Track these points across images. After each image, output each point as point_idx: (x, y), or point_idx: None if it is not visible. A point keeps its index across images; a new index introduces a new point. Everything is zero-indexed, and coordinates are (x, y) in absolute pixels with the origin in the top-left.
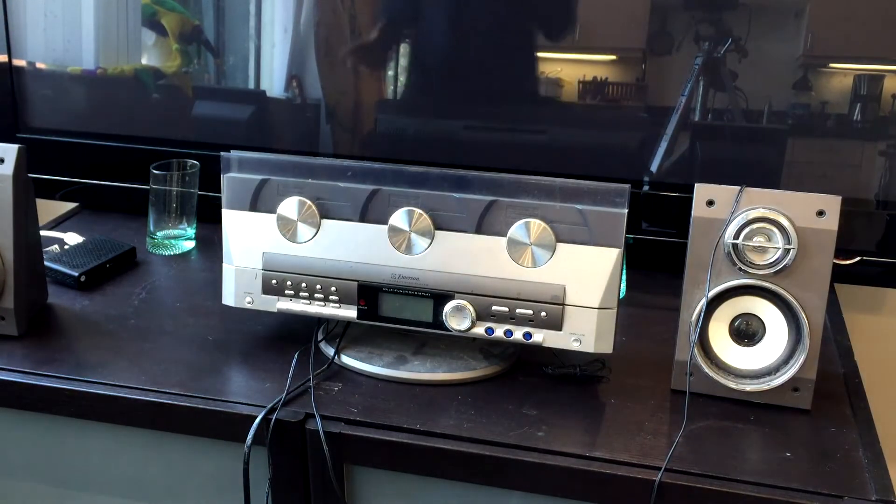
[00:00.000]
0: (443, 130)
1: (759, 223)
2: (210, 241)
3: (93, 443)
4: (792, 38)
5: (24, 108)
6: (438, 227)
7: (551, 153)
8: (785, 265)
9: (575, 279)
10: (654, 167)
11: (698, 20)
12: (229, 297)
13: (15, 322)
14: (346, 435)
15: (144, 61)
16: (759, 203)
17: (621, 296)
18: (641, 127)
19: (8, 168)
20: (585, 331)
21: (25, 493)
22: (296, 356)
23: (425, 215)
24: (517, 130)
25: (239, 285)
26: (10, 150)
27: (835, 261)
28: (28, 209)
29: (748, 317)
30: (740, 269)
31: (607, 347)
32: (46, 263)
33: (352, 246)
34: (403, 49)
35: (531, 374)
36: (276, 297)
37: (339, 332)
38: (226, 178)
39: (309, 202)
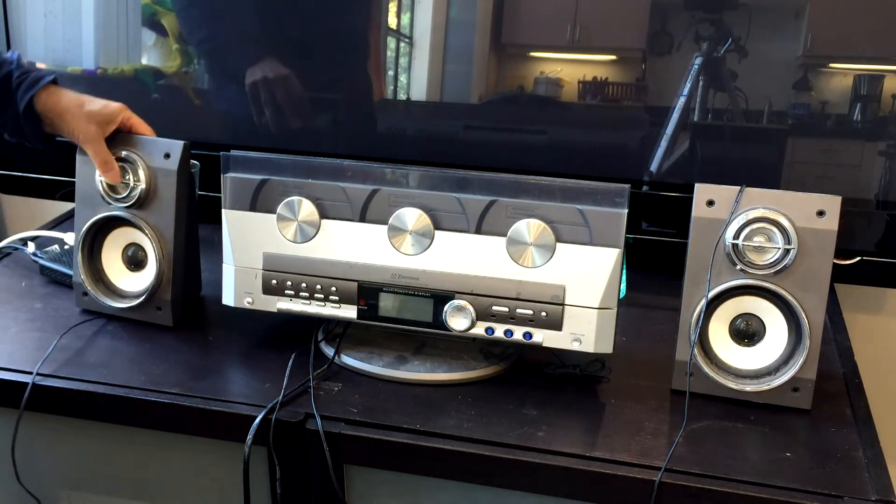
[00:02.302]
0: (443, 130)
1: (759, 223)
2: (210, 241)
3: (93, 443)
4: (792, 38)
5: None
6: (438, 227)
7: (551, 153)
8: (785, 265)
9: (575, 279)
10: (654, 167)
11: (698, 20)
12: (229, 297)
13: (171, 313)
14: (346, 435)
15: (144, 61)
16: (759, 203)
17: (621, 296)
18: (641, 127)
19: (174, 163)
20: (585, 331)
21: (25, 492)
22: (293, 356)
23: (425, 215)
24: (517, 130)
25: (239, 285)
26: (176, 146)
27: (835, 261)
28: (190, 203)
29: (748, 317)
30: (740, 269)
31: (607, 347)
32: (46, 263)
33: (352, 246)
34: (403, 48)
35: (531, 374)
36: (276, 297)
37: (339, 332)
38: (226, 178)
39: (309, 202)
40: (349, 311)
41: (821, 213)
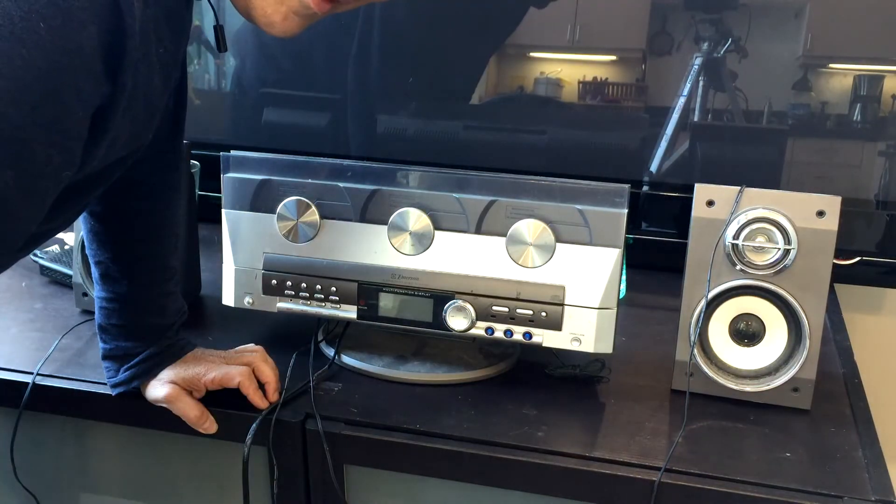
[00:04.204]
0: (443, 130)
1: (759, 223)
2: (210, 241)
3: (93, 443)
4: (792, 38)
5: None
6: (438, 227)
7: (551, 153)
8: (785, 265)
9: (575, 279)
10: (654, 167)
11: (698, 20)
12: (229, 297)
13: None
14: (346, 435)
15: None
16: (759, 203)
17: (621, 296)
18: (641, 127)
19: None
20: (585, 331)
21: (25, 493)
22: (294, 356)
23: (425, 215)
24: (517, 130)
25: (239, 285)
26: None
27: (835, 261)
28: (190, 203)
29: (748, 317)
30: (740, 269)
31: (607, 347)
32: (46, 263)
33: (352, 246)
34: (403, 49)
35: (531, 374)
36: (276, 297)
37: (339, 332)
38: (226, 179)
39: (309, 202)
40: (349, 311)
41: (821, 214)
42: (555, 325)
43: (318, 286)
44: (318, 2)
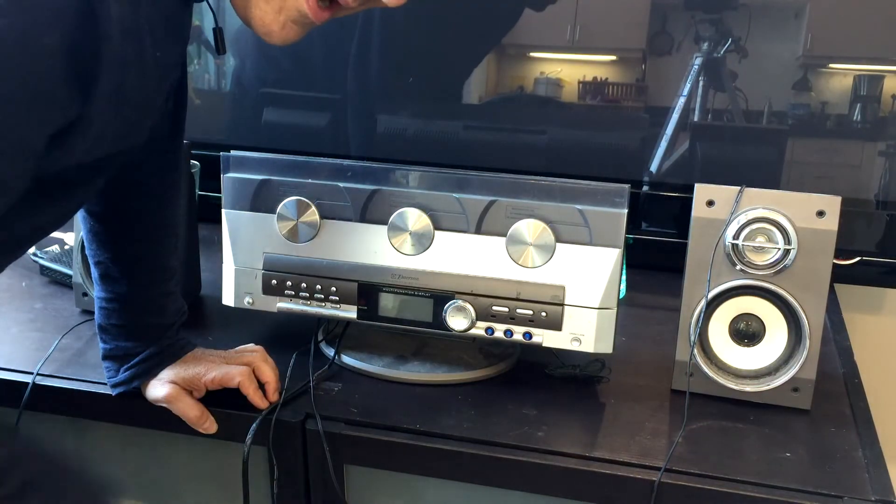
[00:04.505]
0: (443, 130)
1: (759, 223)
2: (210, 241)
3: (93, 443)
4: (792, 38)
5: None
6: (438, 227)
7: (551, 153)
8: (785, 265)
9: (575, 279)
10: (654, 167)
11: (698, 20)
12: (229, 297)
13: None
14: (346, 435)
15: None
16: (759, 203)
17: (621, 296)
18: (641, 127)
19: None
20: (585, 331)
21: None
22: (294, 356)
23: (425, 215)
24: (517, 130)
25: (239, 285)
26: None
27: (835, 261)
28: (190, 203)
29: (748, 317)
30: (740, 269)
31: (607, 347)
32: (46, 263)
33: (352, 246)
34: (403, 49)
35: (531, 374)
36: (276, 297)
37: (339, 332)
38: (226, 179)
39: (309, 202)
40: (349, 311)
41: (821, 213)
42: (555, 325)
43: (318, 286)
44: (315, 11)
